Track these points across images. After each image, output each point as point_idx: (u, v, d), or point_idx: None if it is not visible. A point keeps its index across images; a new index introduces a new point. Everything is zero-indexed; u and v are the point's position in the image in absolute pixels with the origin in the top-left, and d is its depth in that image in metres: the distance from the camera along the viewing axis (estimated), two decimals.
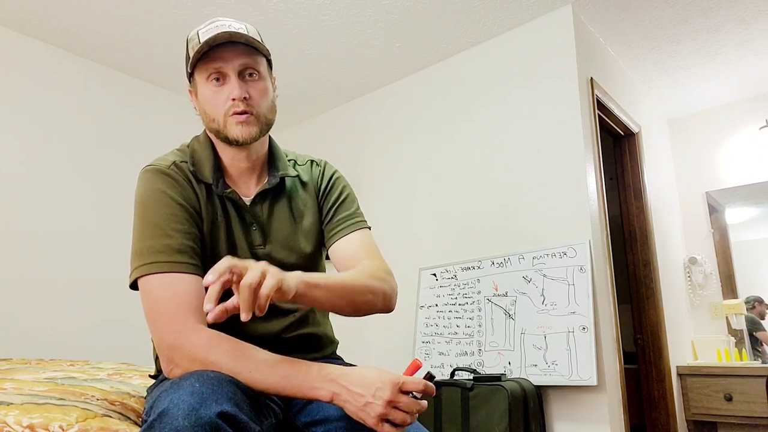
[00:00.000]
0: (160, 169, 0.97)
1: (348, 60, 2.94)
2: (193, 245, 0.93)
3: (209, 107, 0.99)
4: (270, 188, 1.06)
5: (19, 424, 0.84)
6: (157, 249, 0.89)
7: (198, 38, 0.97)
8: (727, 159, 3.45)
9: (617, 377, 2.24)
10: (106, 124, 2.87)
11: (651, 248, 2.93)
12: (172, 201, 0.94)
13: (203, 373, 0.74)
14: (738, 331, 3.23)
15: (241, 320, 0.70)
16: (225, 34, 0.94)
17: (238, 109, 0.97)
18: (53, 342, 2.48)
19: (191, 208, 0.96)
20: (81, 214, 2.69)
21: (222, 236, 1.00)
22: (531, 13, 2.56)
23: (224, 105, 0.97)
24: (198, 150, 1.04)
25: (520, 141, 2.56)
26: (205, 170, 1.01)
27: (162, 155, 1.04)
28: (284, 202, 1.08)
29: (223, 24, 0.98)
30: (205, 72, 0.98)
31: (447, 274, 2.65)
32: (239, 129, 0.97)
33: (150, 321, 0.87)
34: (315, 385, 0.80)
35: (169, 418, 0.67)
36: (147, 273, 0.88)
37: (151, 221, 0.92)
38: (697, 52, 2.91)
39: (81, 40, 2.69)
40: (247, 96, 0.97)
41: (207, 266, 0.95)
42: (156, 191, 0.94)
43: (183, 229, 0.93)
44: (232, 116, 0.97)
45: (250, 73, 0.99)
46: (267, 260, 1.01)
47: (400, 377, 0.80)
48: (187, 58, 1.02)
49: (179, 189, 0.96)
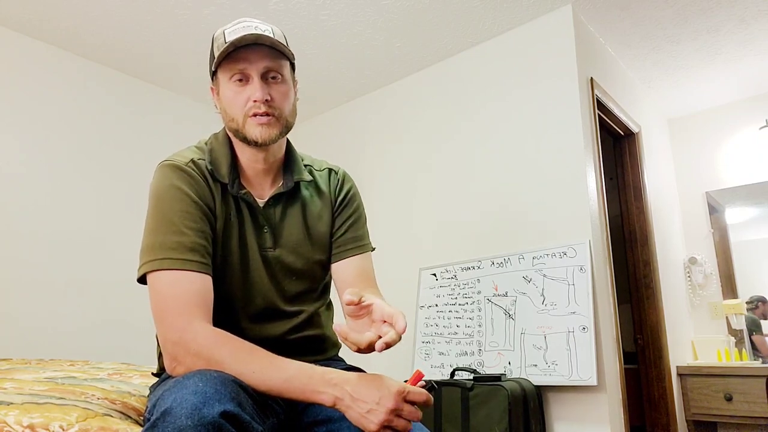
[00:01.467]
0: (178, 165, 0.97)
1: (348, 60, 2.94)
2: (205, 244, 0.93)
3: (230, 106, 0.99)
4: (284, 192, 1.06)
5: (19, 424, 0.84)
6: (169, 246, 0.89)
7: (224, 37, 0.98)
8: (727, 159, 3.45)
9: (617, 377, 2.24)
10: (106, 124, 2.87)
11: (651, 248, 2.94)
12: (187, 198, 0.94)
13: (207, 373, 0.74)
14: (738, 331, 3.23)
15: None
16: (251, 36, 0.95)
17: (259, 110, 0.97)
18: (53, 342, 2.48)
19: (206, 206, 0.96)
20: (81, 214, 2.69)
21: (234, 236, 1.00)
22: (531, 13, 2.56)
23: (245, 105, 0.97)
24: (216, 149, 1.04)
25: (520, 141, 2.56)
26: (222, 169, 1.01)
27: (179, 151, 1.04)
28: (297, 207, 1.08)
29: (250, 25, 0.98)
30: (229, 72, 0.98)
31: (447, 274, 2.65)
32: (259, 130, 0.97)
33: (156, 317, 0.87)
34: (318, 389, 0.80)
35: (172, 417, 0.67)
36: (157, 269, 0.88)
37: (165, 217, 0.92)
38: (697, 52, 2.91)
39: (81, 40, 2.69)
40: (269, 98, 0.97)
41: (217, 265, 0.96)
42: (172, 187, 0.94)
43: (196, 227, 0.93)
44: (252, 117, 0.97)
45: (273, 75, 0.99)
46: (276, 263, 1.02)
47: (404, 386, 0.80)
48: (212, 56, 1.02)
49: (195, 186, 0.96)
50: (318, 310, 1.10)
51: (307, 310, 1.06)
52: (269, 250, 1.03)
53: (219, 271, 0.97)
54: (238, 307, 1.00)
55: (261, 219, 1.03)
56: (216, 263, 0.96)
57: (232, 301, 0.99)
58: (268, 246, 1.03)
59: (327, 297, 1.16)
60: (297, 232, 1.07)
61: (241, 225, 1.01)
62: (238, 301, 1.00)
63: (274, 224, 1.04)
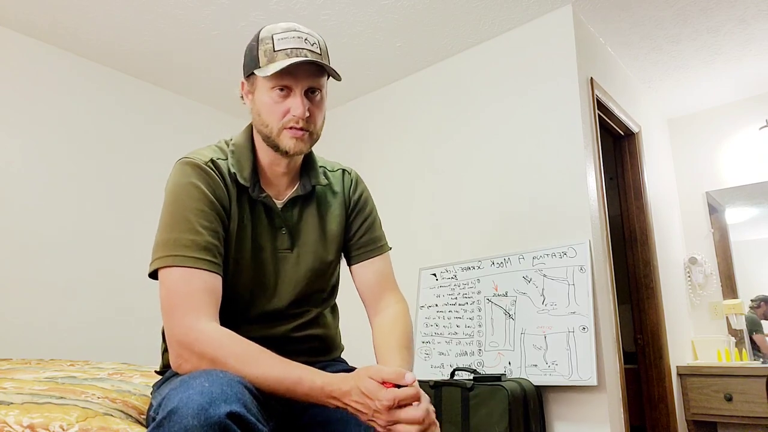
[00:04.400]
0: (197, 163, 0.97)
1: (348, 60, 2.94)
2: (217, 244, 0.94)
3: (267, 114, 0.99)
4: (301, 194, 1.08)
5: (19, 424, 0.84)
6: (183, 243, 0.90)
7: (273, 44, 0.97)
8: (727, 159, 3.45)
9: (617, 377, 2.24)
10: (105, 124, 2.87)
11: (651, 248, 2.93)
12: (204, 197, 0.94)
13: (212, 373, 0.75)
14: (738, 331, 3.23)
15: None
16: (303, 57, 0.95)
17: (297, 125, 0.98)
18: (53, 342, 2.48)
19: (222, 207, 0.97)
20: (81, 214, 2.69)
21: (248, 238, 1.01)
22: (531, 13, 2.56)
23: (283, 117, 0.98)
24: (238, 151, 1.04)
25: (520, 141, 2.56)
26: (244, 172, 1.02)
27: (199, 149, 1.04)
28: (313, 208, 1.10)
29: (300, 36, 0.98)
30: (272, 82, 0.97)
31: (447, 274, 2.65)
32: (293, 143, 0.99)
33: (164, 313, 0.88)
34: (321, 401, 0.83)
35: (178, 417, 0.67)
36: (169, 265, 0.88)
37: (181, 214, 0.92)
38: (697, 52, 2.91)
39: (81, 40, 2.69)
40: (308, 114, 0.98)
41: (229, 266, 0.97)
42: (190, 185, 0.95)
43: (211, 227, 0.93)
44: (288, 129, 0.98)
45: (314, 91, 1.00)
46: (292, 264, 1.04)
47: (394, 396, 0.79)
48: (255, 57, 0.99)
49: (213, 186, 0.97)
50: (324, 312, 1.11)
51: (314, 310, 1.08)
52: (287, 251, 1.04)
53: (231, 271, 0.98)
54: (248, 307, 1.00)
55: (278, 221, 1.04)
56: (228, 264, 0.97)
57: (242, 302, 1.00)
58: (286, 247, 1.04)
59: (334, 299, 1.17)
60: (313, 232, 1.08)
61: (255, 227, 1.02)
62: (248, 301, 1.00)
63: (291, 226, 1.06)
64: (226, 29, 2.62)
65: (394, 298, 1.13)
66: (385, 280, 1.14)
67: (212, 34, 2.67)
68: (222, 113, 3.50)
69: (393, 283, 1.16)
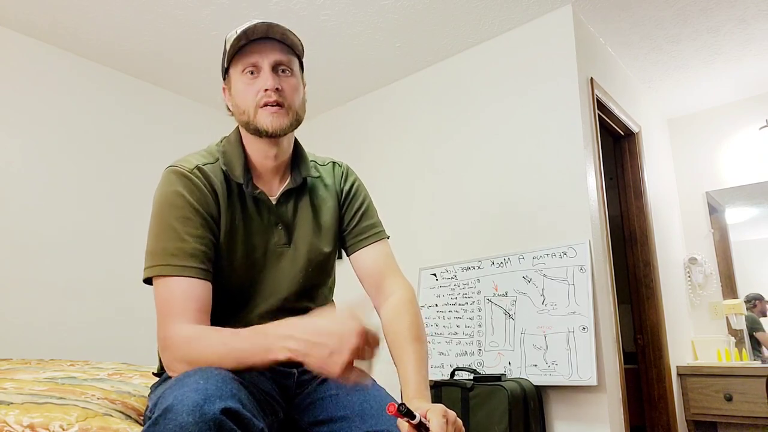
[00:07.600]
0: (182, 171, 0.98)
1: (348, 60, 2.94)
2: (205, 250, 0.94)
3: (241, 99, 1.01)
4: (294, 188, 1.08)
5: (19, 424, 0.84)
6: (170, 252, 0.91)
7: (235, 34, 1.01)
8: (727, 159, 3.45)
9: (617, 377, 2.24)
10: (105, 124, 2.87)
11: (651, 248, 2.93)
12: (189, 205, 0.95)
13: (207, 370, 0.75)
14: (738, 331, 3.23)
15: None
16: (263, 25, 0.99)
17: (270, 99, 0.99)
18: (53, 342, 2.48)
19: (207, 213, 0.97)
20: (81, 214, 2.69)
21: (240, 238, 1.01)
22: (531, 13, 2.56)
23: (256, 96, 1.00)
24: (228, 150, 1.05)
25: (520, 141, 2.56)
26: (236, 170, 1.03)
27: (187, 155, 1.05)
28: (307, 202, 1.10)
29: (258, 19, 1.03)
30: (241, 65, 1.01)
31: (447, 274, 2.65)
32: (270, 119, 0.99)
33: (156, 319, 0.91)
34: (271, 347, 0.79)
35: (173, 414, 0.67)
36: (158, 274, 0.91)
37: (167, 223, 0.94)
38: (697, 52, 2.91)
39: (81, 40, 2.69)
40: (279, 88, 0.99)
41: (224, 268, 0.98)
42: (174, 193, 0.96)
43: (197, 233, 0.94)
44: (263, 107, 0.99)
45: (283, 69, 1.02)
46: (290, 259, 1.03)
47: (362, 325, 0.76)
48: (224, 55, 1.05)
49: (198, 194, 0.97)
50: (322, 308, 1.11)
51: (313, 306, 1.07)
52: (284, 246, 1.04)
53: (225, 274, 0.98)
54: (247, 306, 1.01)
55: (273, 217, 1.05)
56: (222, 267, 0.98)
57: (241, 302, 1.01)
58: (283, 243, 1.04)
59: (331, 296, 1.17)
60: (309, 226, 1.08)
61: (248, 227, 1.02)
62: (247, 301, 1.01)
63: (287, 221, 1.06)
64: (226, 29, 2.62)
65: (397, 283, 1.08)
66: (385, 265, 1.11)
67: (212, 34, 2.67)
68: (222, 113, 3.49)
69: (394, 267, 1.12)
